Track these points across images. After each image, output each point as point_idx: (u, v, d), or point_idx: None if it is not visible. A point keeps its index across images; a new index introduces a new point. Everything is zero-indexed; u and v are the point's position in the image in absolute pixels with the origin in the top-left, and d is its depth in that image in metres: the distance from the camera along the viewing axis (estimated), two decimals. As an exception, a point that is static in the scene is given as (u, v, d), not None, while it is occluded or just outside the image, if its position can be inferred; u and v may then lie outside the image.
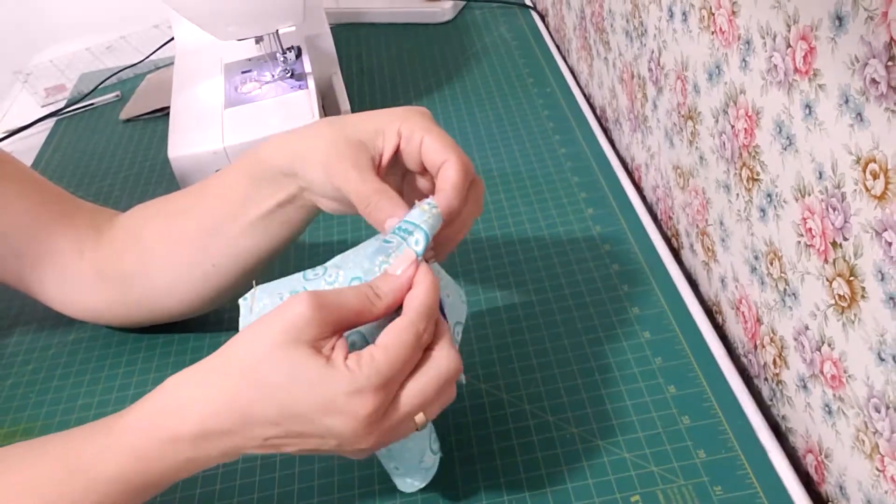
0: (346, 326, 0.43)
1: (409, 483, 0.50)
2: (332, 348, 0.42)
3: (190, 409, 0.42)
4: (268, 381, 0.41)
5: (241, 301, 0.46)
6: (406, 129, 0.51)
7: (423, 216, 0.46)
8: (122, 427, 0.44)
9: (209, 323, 0.68)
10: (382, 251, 0.46)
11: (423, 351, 0.44)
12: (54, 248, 0.63)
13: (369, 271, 0.45)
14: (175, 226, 0.61)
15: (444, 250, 0.50)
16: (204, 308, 0.65)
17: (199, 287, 0.62)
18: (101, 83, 1.13)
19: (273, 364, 0.41)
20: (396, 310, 0.45)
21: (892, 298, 0.41)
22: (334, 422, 0.41)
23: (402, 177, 0.54)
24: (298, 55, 0.87)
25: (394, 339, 0.42)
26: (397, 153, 0.51)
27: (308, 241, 0.77)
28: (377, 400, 0.41)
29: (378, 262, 0.45)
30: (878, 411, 0.44)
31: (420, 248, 0.45)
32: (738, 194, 0.58)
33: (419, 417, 0.44)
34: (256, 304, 0.45)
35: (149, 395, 0.44)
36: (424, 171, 0.52)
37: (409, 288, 0.44)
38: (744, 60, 0.53)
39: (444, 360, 0.44)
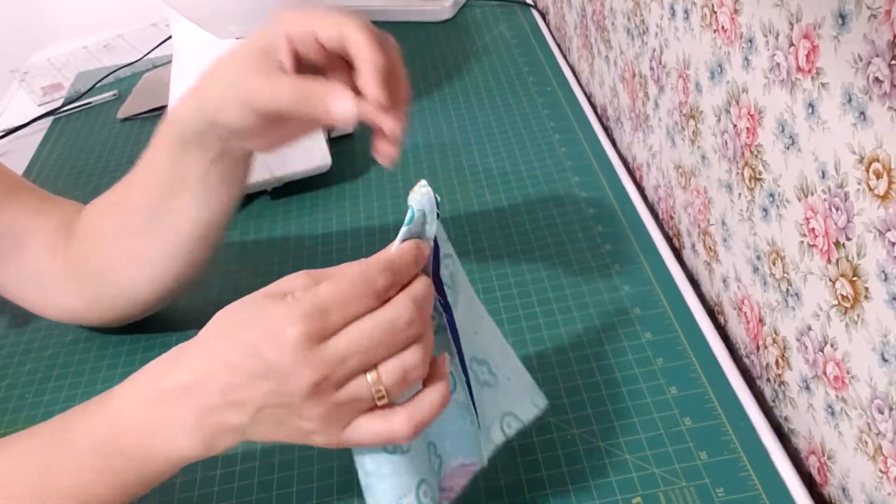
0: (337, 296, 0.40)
1: None
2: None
3: (177, 367, 0.43)
4: (233, 325, 0.42)
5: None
6: (294, 28, 0.49)
7: (415, 197, 0.44)
8: (110, 393, 0.45)
9: (206, 322, 0.67)
10: None
11: (376, 299, 0.41)
12: (24, 245, 0.62)
13: None
14: (124, 217, 0.60)
15: (401, 111, 0.48)
16: (178, 292, 0.64)
17: (163, 273, 0.61)
18: (99, 82, 1.12)
19: (243, 309, 0.42)
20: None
21: (895, 299, 0.41)
22: (267, 349, 0.39)
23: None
24: (297, 54, 0.87)
25: (343, 271, 0.41)
26: (301, 61, 0.49)
27: (307, 243, 0.77)
28: (308, 324, 0.39)
29: None
30: (882, 413, 0.44)
31: (406, 217, 0.43)
32: (740, 194, 0.58)
33: (372, 376, 0.40)
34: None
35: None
36: (334, 66, 0.50)
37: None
38: (746, 59, 0.53)
39: (394, 307, 0.41)
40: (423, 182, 0.45)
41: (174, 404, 0.42)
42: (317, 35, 0.48)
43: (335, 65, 0.50)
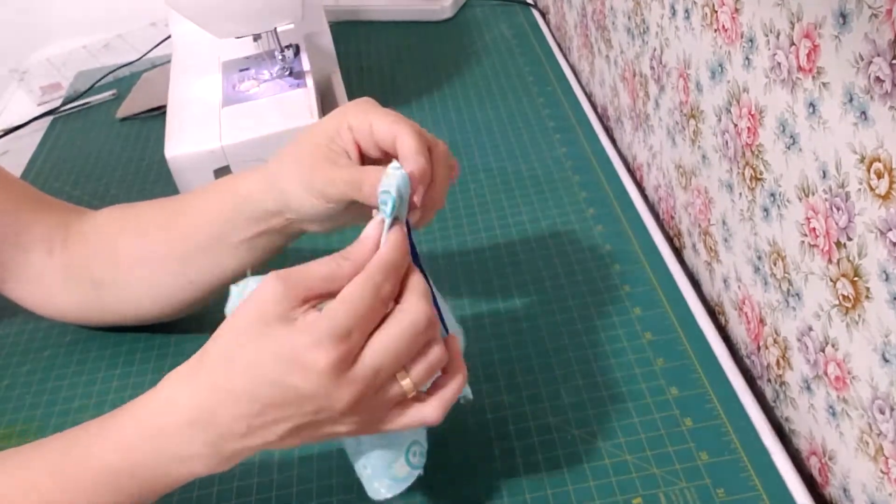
0: (316, 294, 0.42)
1: (376, 488, 0.48)
2: (304, 314, 0.41)
3: (176, 403, 0.43)
4: (240, 357, 0.41)
5: (231, 286, 0.46)
6: (354, 121, 0.50)
7: (388, 180, 0.45)
8: (113, 423, 0.44)
9: (205, 324, 0.67)
10: None
11: (386, 305, 0.42)
12: (22, 244, 0.62)
13: None
14: (151, 242, 0.61)
15: (427, 216, 0.49)
16: (180, 314, 0.65)
17: (173, 298, 0.62)
18: (98, 81, 1.12)
19: (245, 340, 0.41)
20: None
21: (897, 299, 0.41)
22: (298, 379, 0.40)
23: None
24: (297, 53, 0.87)
25: (350, 289, 0.41)
26: (360, 150, 0.51)
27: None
28: (337, 350, 0.40)
29: None
30: (883, 413, 0.43)
31: (388, 208, 0.44)
32: (740, 194, 0.58)
33: (406, 383, 0.42)
34: (246, 290, 0.45)
35: (145, 393, 0.45)
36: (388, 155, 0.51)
37: (376, 248, 0.44)
38: (747, 58, 0.53)
39: (411, 311, 0.42)
40: (396, 164, 0.46)
41: (181, 438, 0.43)
42: (374, 136, 0.49)
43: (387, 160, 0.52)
